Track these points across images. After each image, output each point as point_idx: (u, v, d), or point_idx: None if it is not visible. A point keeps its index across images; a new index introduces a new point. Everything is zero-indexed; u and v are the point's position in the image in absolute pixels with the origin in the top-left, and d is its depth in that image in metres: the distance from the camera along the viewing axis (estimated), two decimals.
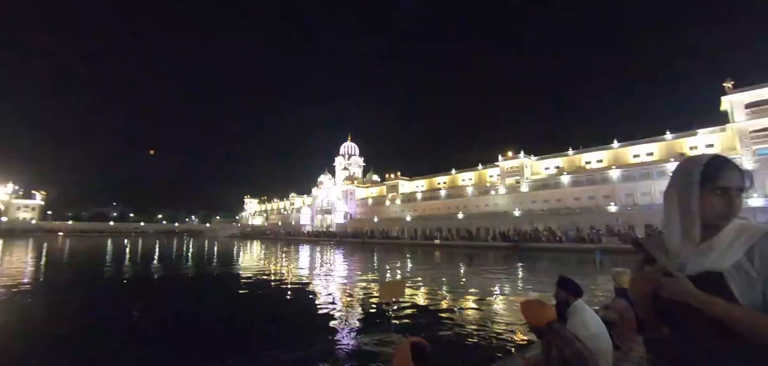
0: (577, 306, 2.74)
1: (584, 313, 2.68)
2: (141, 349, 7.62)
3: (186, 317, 10.55)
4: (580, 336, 2.22)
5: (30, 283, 16.58)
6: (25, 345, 7.84)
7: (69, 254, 34.92)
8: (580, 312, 2.67)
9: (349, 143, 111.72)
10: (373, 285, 15.98)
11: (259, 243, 63.63)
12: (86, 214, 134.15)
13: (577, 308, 2.71)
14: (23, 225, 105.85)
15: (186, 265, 26.04)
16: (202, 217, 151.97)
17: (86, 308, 12.04)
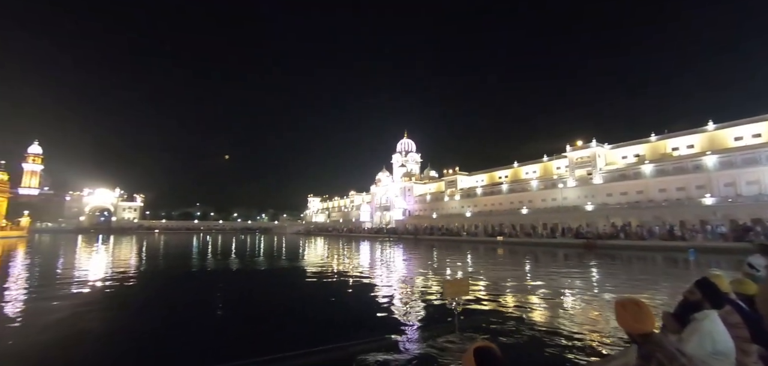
0: (709, 316, 2.35)
1: (715, 325, 2.30)
2: (224, 326, 8.43)
3: (258, 306, 11.43)
4: (700, 353, 1.91)
5: (150, 270, 19.40)
6: (148, 316, 9.16)
7: (167, 248, 39.99)
8: (710, 323, 2.30)
9: (406, 140, 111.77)
10: (433, 282, 15.85)
11: (322, 239, 66.67)
12: (176, 213, 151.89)
13: (708, 318, 2.34)
14: (128, 223, 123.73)
15: (260, 259, 28.26)
16: (271, 215, 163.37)
17: (186, 290, 13.77)
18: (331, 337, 7.82)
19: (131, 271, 20.82)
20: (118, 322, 9.91)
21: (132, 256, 30.50)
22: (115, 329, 9.23)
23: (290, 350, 6.75)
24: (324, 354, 6.69)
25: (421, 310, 10.46)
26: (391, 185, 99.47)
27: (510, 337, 7.64)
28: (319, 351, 6.77)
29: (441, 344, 7.03)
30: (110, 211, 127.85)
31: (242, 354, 6.60)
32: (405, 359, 6.56)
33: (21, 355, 7.24)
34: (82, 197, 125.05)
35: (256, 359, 6.23)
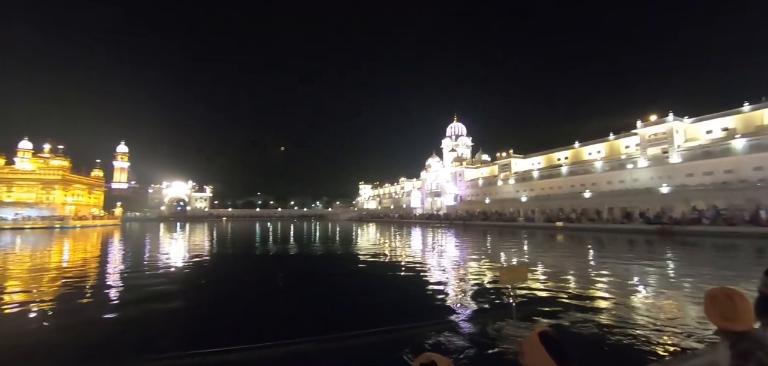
0: None
1: None
2: (284, 306, 9.07)
3: (315, 288, 12.06)
4: None
5: (222, 252, 21.50)
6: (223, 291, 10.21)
7: (234, 233, 43.59)
8: None
9: (456, 124, 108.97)
10: (487, 268, 15.51)
11: (374, 226, 68.02)
12: (240, 202, 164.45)
13: None
14: (200, 212, 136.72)
15: (316, 244, 29.71)
16: (325, 202, 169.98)
17: (251, 272, 15.06)
18: (386, 319, 8.05)
19: (207, 253, 23.13)
20: (195, 298, 11.10)
21: (205, 240, 33.73)
22: (193, 304, 10.35)
23: (347, 331, 7.08)
24: (379, 335, 6.91)
25: (475, 296, 10.32)
26: (442, 170, 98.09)
27: (573, 329, 7.28)
28: (374, 332, 7.01)
29: (498, 329, 6.91)
30: (185, 201, 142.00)
31: (301, 333, 7.05)
32: (461, 342, 6.56)
33: (121, 318, 8.43)
34: (162, 189, 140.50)
35: (314, 338, 6.61)
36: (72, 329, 7.83)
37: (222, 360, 5.74)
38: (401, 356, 5.72)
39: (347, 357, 6.08)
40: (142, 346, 6.51)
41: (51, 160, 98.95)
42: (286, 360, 5.92)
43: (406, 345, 6.28)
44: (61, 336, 7.43)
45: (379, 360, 5.99)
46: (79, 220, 74.73)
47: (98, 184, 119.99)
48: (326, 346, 6.36)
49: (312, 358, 6.02)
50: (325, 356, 6.09)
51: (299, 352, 6.16)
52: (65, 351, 6.53)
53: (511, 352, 5.87)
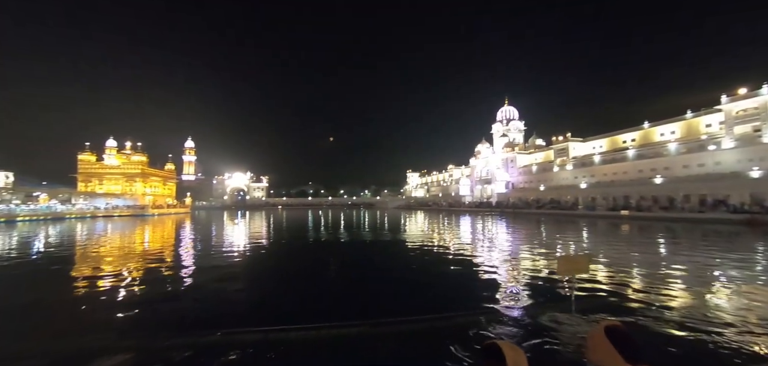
0: None
1: None
2: (335, 291, 9.44)
3: (366, 273, 12.35)
4: None
5: (280, 237, 22.96)
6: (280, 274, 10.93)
7: (289, 221, 46.01)
8: None
9: (507, 107, 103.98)
10: (543, 258, 14.78)
11: (422, 214, 67.79)
12: (293, 191, 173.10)
13: None
14: (258, 201, 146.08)
15: (365, 231, 30.35)
16: (373, 190, 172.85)
17: (308, 254, 15.86)
18: (435, 306, 8.04)
19: (266, 239, 24.70)
20: (258, 279, 11.95)
21: (264, 227, 36.02)
22: (256, 284, 11.15)
23: (397, 316, 7.19)
24: (429, 322, 6.93)
25: (528, 286, 9.91)
26: (492, 157, 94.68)
27: (642, 324, 6.72)
28: (424, 319, 7.04)
29: (555, 323, 6.59)
30: (244, 191, 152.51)
31: (353, 316, 7.28)
32: (512, 333, 6.37)
33: (197, 295, 9.32)
34: (225, 180, 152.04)
35: (365, 322, 6.79)
36: (155, 303, 8.83)
37: (283, 338, 6.13)
38: (450, 346, 5.69)
39: (397, 342, 6.18)
40: (216, 322, 7.14)
41: (132, 156, 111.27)
42: (340, 341, 6.18)
43: (455, 333, 6.23)
44: (147, 310, 8.41)
45: (428, 347, 6.01)
46: (157, 209, 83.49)
47: (171, 176, 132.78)
48: (378, 330, 6.52)
49: (364, 341, 6.20)
50: (377, 340, 6.24)
51: (352, 334, 6.39)
52: (151, 323, 7.37)
53: (570, 346, 5.58)
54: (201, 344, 6.02)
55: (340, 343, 6.11)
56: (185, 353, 5.67)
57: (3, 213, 50.76)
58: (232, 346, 5.85)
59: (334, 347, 5.98)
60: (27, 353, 5.50)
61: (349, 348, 5.98)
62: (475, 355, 5.35)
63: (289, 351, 5.76)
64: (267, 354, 5.62)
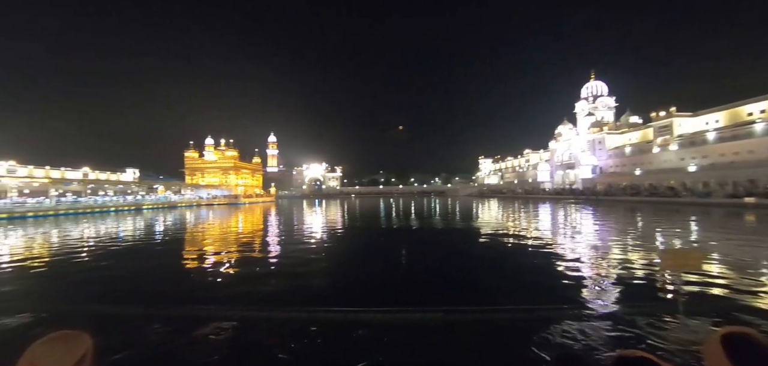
0: None
1: None
2: (410, 277, 9.55)
3: (440, 261, 12.23)
4: None
5: (355, 225, 24.21)
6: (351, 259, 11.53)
7: (362, 208, 47.90)
8: None
9: (593, 83, 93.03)
10: (640, 251, 13.12)
11: (496, 201, 64.92)
12: (365, 180, 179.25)
13: None
14: (333, 190, 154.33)
15: (437, 219, 30.14)
16: (444, 178, 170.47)
17: (381, 240, 16.42)
18: (512, 297, 7.69)
19: (342, 225, 26.05)
20: (335, 261, 12.69)
21: (339, 214, 37.99)
22: (333, 265, 11.85)
23: (472, 305, 7.03)
24: (506, 313, 6.64)
25: (623, 282, 8.87)
26: (575, 138, 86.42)
27: None
28: (500, 310, 6.77)
29: (656, 326, 5.81)
30: (320, 180, 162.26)
31: (425, 303, 7.30)
32: (606, 335, 5.77)
33: (281, 274, 10.24)
34: (303, 171, 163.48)
35: (441, 308, 6.74)
36: (252, 279, 9.94)
37: (357, 319, 6.43)
38: (532, 338, 5.40)
39: (471, 331, 6.06)
40: (300, 299, 7.79)
41: (226, 152, 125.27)
42: (413, 327, 6.26)
43: (536, 327, 5.87)
44: (246, 284, 9.49)
45: (504, 339, 5.78)
46: (247, 198, 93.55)
47: (257, 168, 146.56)
48: (451, 317, 6.45)
49: (437, 328, 6.19)
50: (450, 328, 6.19)
51: (426, 320, 6.43)
52: (248, 296, 8.30)
53: (677, 358, 4.87)
54: (285, 319, 6.60)
55: (411, 329, 6.19)
56: (271, 325, 6.32)
57: (133, 202, 61.42)
58: (315, 322, 6.32)
59: (407, 332, 6.08)
60: (154, 317, 6.60)
61: (422, 333, 6.03)
62: (557, 350, 4.98)
63: (363, 332, 6.01)
64: (341, 333, 5.95)
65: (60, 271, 12.18)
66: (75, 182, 60.96)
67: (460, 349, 5.41)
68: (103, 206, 52.28)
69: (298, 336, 5.87)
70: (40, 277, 11.39)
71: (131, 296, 8.57)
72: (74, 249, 16.99)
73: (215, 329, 6.09)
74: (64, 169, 63.33)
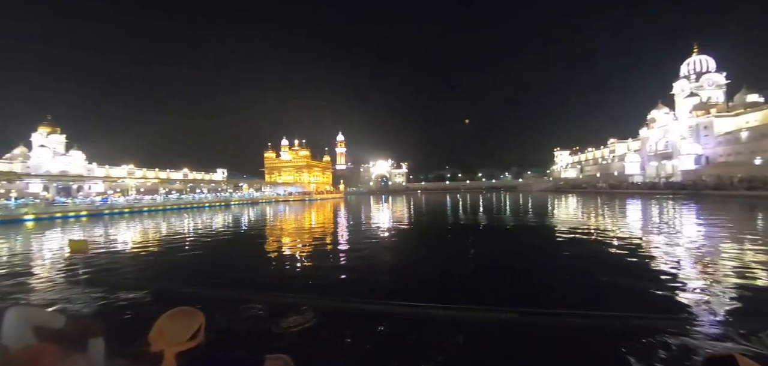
0: None
1: None
2: (486, 275, 9.23)
3: (519, 261, 11.62)
4: None
5: (421, 220, 24.36)
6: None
7: (428, 205, 47.68)
8: None
9: (696, 57, 79.74)
10: (760, 256, 11.02)
11: (575, 197, 59.61)
12: (431, 176, 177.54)
13: None
14: (399, 186, 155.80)
15: (507, 215, 28.71)
16: (515, 172, 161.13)
17: (450, 235, 16.23)
18: (602, 303, 7.02)
19: (409, 219, 26.27)
20: (404, 255, 12.83)
21: (405, 210, 38.29)
22: (402, 260, 11.99)
23: (557, 308, 6.56)
24: (592, 319, 6.07)
25: (738, 293, 7.53)
26: (673, 124, 75.31)
27: None
28: (584, 315, 6.22)
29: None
30: (386, 177, 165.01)
31: (500, 301, 6.98)
32: (708, 351, 4.96)
33: (350, 266, 10.66)
34: (369, 168, 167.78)
35: (516, 309, 6.40)
36: (330, 271, 10.54)
37: (427, 314, 6.42)
38: (618, 347, 4.87)
39: (550, 335, 5.67)
40: (367, 290, 8.05)
41: (299, 151, 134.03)
42: (485, 327, 6.06)
43: (628, 336, 5.28)
44: (323, 275, 10.10)
45: (590, 346, 5.30)
46: (318, 194, 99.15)
47: (327, 166, 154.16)
48: (527, 319, 6.10)
49: (512, 328, 5.91)
50: (525, 330, 5.87)
51: (499, 320, 6.17)
52: (316, 286, 8.81)
53: None
54: (356, 309, 6.85)
55: (484, 328, 5.99)
56: (346, 315, 6.61)
57: (223, 199, 69.02)
58: (385, 316, 6.46)
59: (478, 332, 5.90)
60: (254, 299, 7.35)
61: (494, 334, 5.81)
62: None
63: (433, 329, 5.98)
64: (410, 328, 5.98)
65: (166, 257, 14.32)
66: (178, 182, 70.39)
67: (536, 353, 5.11)
68: (200, 202, 59.70)
69: (368, 327, 6.06)
70: (151, 261, 13.47)
71: (222, 281, 9.67)
72: (177, 239, 19.71)
73: (294, 316, 6.57)
74: (169, 170, 73.51)
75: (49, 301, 8.16)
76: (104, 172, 61.01)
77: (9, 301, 8.43)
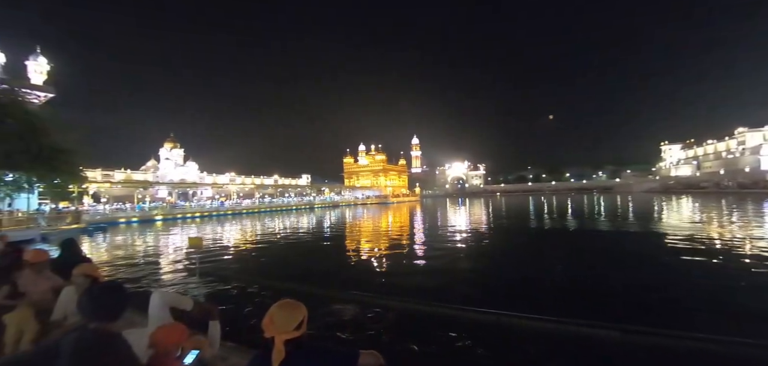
0: None
1: None
2: (582, 283, 8.38)
3: (610, 273, 10.31)
4: None
5: (505, 223, 23.30)
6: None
7: (509, 208, 45.13)
8: None
9: None
10: None
11: (693, 199, 50.73)
12: (511, 177, 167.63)
13: None
14: (476, 188, 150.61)
15: (605, 220, 25.67)
16: (611, 171, 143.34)
17: (538, 243, 15.18)
18: (732, 326, 5.87)
19: (487, 223, 25.20)
20: (486, 262, 12.33)
21: (483, 213, 36.82)
22: (485, 267, 11.53)
23: (665, 327, 5.67)
24: (716, 344, 5.08)
25: None
26: None
27: None
28: (714, 339, 5.23)
29: None
30: (463, 179, 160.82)
31: (600, 316, 6.26)
32: None
33: (432, 270, 10.58)
34: (445, 171, 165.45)
35: (618, 325, 5.66)
36: (410, 274, 10.68)
37: (511, 323, 6.06)
38: None
39: (660, 358, 4.90)
40: (447, 294, 7.90)
41: (375, 156, 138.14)
42: (579, 343, 5.47)
43: None
44: (394, 276, 10.26)
45: None
46: (395, 198, 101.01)
47: (403, 170, 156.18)
48: (631, 339, 5.35)
49: (611, 349, 5.26)
50: (629, 350, 5.17)
51: (597, 337, 5.54)
52: (396, 287, 8.93)
53: None
54: (435, 313, 6.76)
55: (580, 345, 5.42)
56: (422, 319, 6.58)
57: (307, 202, 74.54)
58: (465, 322, 6.29)
59: (572, 348, 5.37)
60: (341, 297, 7.79)
61: (591, 353, 5.24)
62: None
63: (522, 342, 5.63)
64: (494, 339, 5.71)
65: (260, 254, 16.12)
66: (269, 187, 78.04)
67: None
68: (288, 206, 65.51)
69: (449, 332, 5.94)
70: (251, 257, 15.27)
71: (308, 277, 10.42)
72: (270, 238, 21.89)
73: (377, 315, 6.77)
74: (262, 177, 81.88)
75: (176, 286, 9.74)
76: (212, 180, 70.47)
77: (150, 282, 10.37)
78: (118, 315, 1.71)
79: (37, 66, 33.02)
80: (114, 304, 1.71)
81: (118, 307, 1.73)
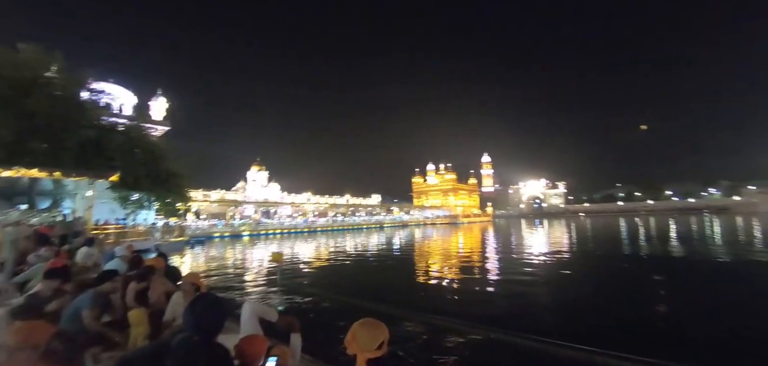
0: None
1: None
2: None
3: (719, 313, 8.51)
4: None
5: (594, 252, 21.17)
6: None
7: (597, 230, 40.57)
8: None
9: None
10: None
11: None
12: (597, 196, 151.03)
13: None
14: (555, 208, 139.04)
15: (727, 251, 21.59)
16: (727, 188, 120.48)
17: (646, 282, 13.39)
18: None
19: (572, 248, 22.92)
20: (566, 293, 11.16)
21: (566, 236, 33.61)
22: (564, 297, 10.44)
23: None
24: None
25: None
26: None
27: None
28: None
29: None
30: (540, 198, 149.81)
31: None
32: None
33: (509, 294, 9.88)
34: (519, 189, 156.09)
35: None
36: (475, 298, 10.16)
37: (606, 364, 5.33)
38: None
39: None
40: (529, 325, 7.29)
41: (445, 175, 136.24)
42: None
43: None
44: (467, 302, 9.80)
45: None
46: (465, 218, 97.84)
47: (473, 189, 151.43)
48: None
49: None
50: None
51: None
52: (471, 314, 8.48)
53: None
54: (518, 345, 6.23)
55: None
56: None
57: (377, 221, 76.08)
58: (554, 357, 5.70)
59: None
60: (413, 318, 7.72)
61: None
62: None
63: None
64: None
65: (332, 271, 16.71)
66: (341, 206, 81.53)
67: None
68: (358, 224, 67.57)
69: None
70: (326, 273, 15.99)
71: (379, 295, 10.46)
72: (342, 256, 22.67)
73: (455, 341, 6.52)
74: (335, 197, 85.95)
75: (260, 296, 10.59)
76: (291, 199, 76.04)
77: (240, 292, 11.44)
78: (218, 331, 1.81)
79: (157, 105, 39.48)
80: (215, 320, 1.81)
81: (219, 324, 1.83)
